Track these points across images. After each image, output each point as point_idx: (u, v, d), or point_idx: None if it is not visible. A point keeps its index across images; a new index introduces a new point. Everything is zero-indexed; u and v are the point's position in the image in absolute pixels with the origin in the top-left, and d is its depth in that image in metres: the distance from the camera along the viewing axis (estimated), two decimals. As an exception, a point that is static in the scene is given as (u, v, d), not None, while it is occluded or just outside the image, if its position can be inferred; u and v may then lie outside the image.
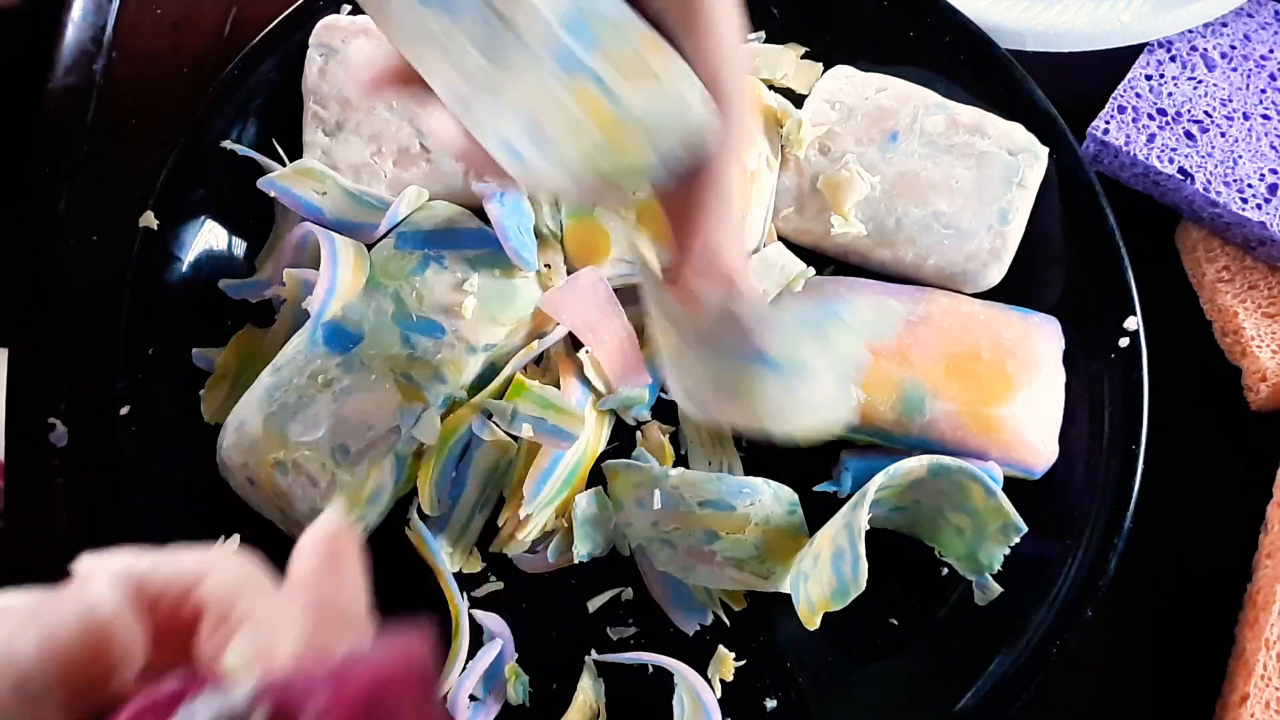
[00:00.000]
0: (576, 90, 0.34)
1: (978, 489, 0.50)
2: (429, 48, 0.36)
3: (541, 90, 0.35)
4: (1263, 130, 0.58)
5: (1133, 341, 0.54)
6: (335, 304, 0.53)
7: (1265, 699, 0.50)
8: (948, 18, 0.58)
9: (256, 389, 0.53)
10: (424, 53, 0.36)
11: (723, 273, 0.40)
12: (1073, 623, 0.51)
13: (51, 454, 0.57)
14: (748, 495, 0.51)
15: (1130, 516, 0.52)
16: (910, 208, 0.55)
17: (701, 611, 0.54)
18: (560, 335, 0.55)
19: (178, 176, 0.56)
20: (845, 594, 0.47)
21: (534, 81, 0.35)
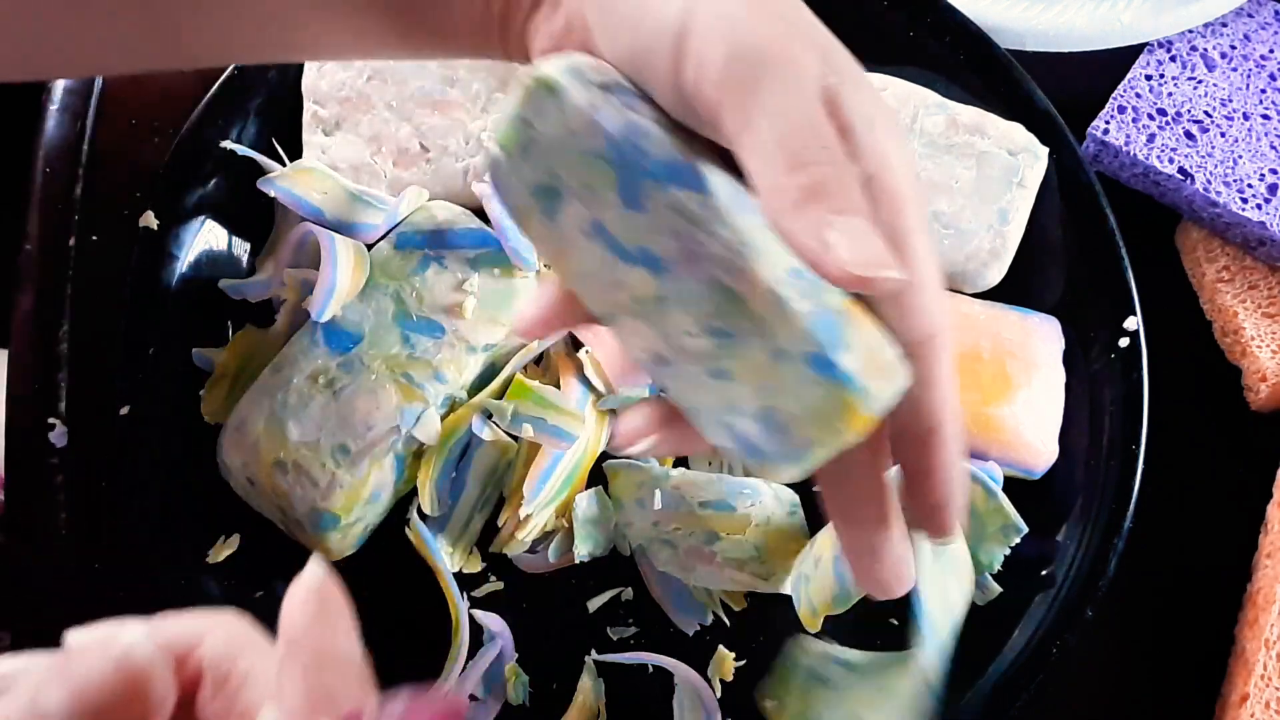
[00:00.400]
0: (822, 384, 0.31)
1: (978, 489, 0.50)
2: (627, 315, 0.34)
3: (780, 378, 0.32)
4: (1263, 130, 0.58)
5: (1133, 341, 0.54)
6: (335, 304, 0.53)
7: (1265, 699, 0.50)
8: (948, 18, 0.58)
9: (256, 389, 0.53)
10: (620, 318, 0.35)
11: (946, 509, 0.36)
12: (1073, 623, 0.51)
13: (51, 454, 0.57)
14: (748, 496, 0.51)
15: (1130, 516, 0.52)
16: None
17: (701, 611, 0.54)
18: (560, 335, 0.55)
19: (177, 177, 0.56)
20: (847, 598, 0.47)
21: (768, 368, 0.32)
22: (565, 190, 0.34)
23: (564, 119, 0.34)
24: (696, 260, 0.33)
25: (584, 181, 0.34)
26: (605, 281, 0.35)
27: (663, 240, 0.33)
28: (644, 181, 0.33)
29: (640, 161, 0.33)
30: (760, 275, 0.32)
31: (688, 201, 0.33)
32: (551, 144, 0.34)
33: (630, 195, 0.33)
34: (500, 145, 0.35)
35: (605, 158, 0.33)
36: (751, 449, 0.33)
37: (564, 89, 0.34)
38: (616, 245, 0.34)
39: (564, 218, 0.35)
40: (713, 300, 0.33)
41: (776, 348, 0.32)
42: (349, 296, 0.53)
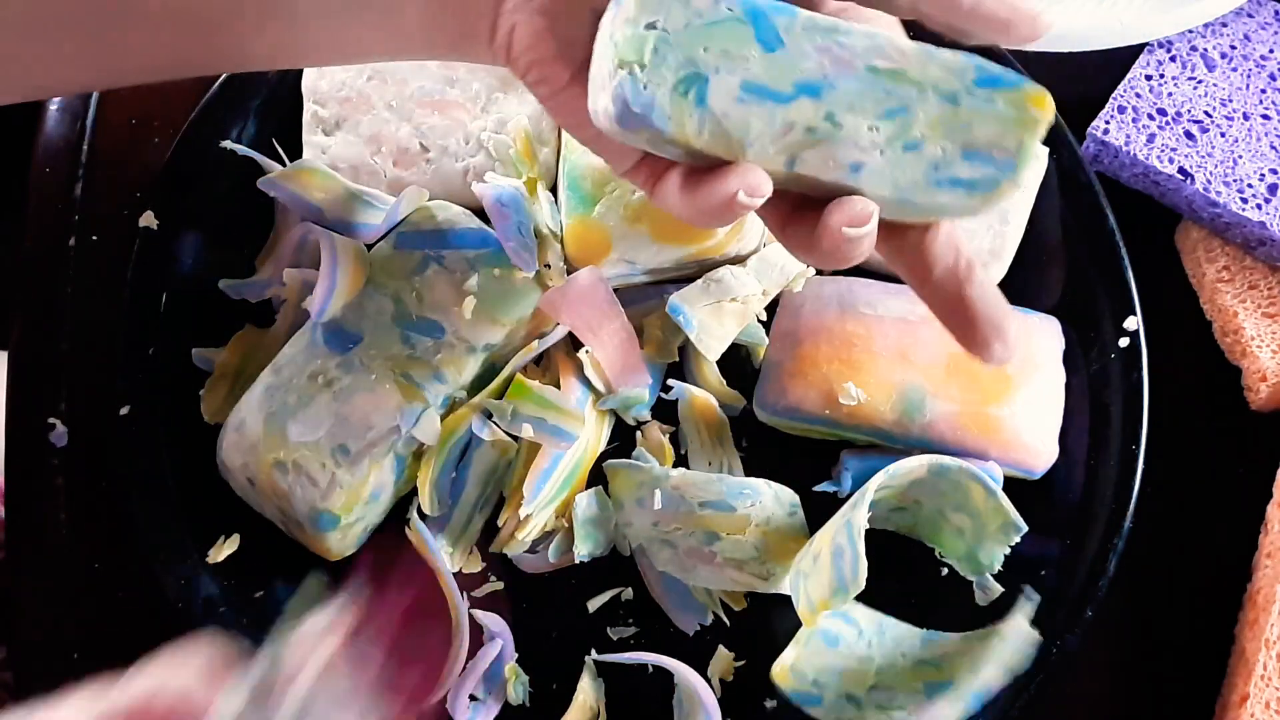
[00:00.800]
0: (999, 94, 0.38)
1: (978, 489, 0.50)
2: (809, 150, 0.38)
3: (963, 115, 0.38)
4: (1263, 130, 0.58)
5: (1133, 341, 0.54)
6: (335, 304, 0.53)
7: (1265, 699, 0.50)
8: (948, 18, 0.58)
9: (256, 389, 0.53)
10: (802, 156, 0.38)
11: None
12: (1073, 623, 0.51)
13: (51, 454, 0.57)
14: (748, 496, 0.51)
15: (1130, 516, 0.52)
16: (910, 208, 0.55)
17: (701, 611, 0.54)
18: (560, 335, 0.55)
19: (177, 176, 0.56)
20: (844, 593, 0.47)
21: (950, 114, 0.38)
22: (707, 68, 0.37)
23: (687, 5, 0.37)
24: (846, 62, 0.37)
25: (722, 49, 0.37)
26: (775, 131, 0.37)
27: (810, 62, 0.37)
28: (776, 18, 0.37)
29: (765, 5, 0.37)
30: (904, 44, 0.37)
31: (818, 18, 0.37)
32: (682, 32, 0.37)
33: (768, 37, 0.37)
34: (628, 63, 0.37)
35: (736, 17, 0.37)
36: (971, 186, 0.38)
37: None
38: (772, 93, 0.37)
39: (715, 97, 0.37)
40: (876, 86, 0.37)
41: (947, 92, 0.37)
42: (349, 296, 0.53)
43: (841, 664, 0.51)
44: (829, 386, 0.52)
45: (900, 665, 0.51)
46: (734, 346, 0.55)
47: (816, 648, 0.51)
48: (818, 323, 0.54)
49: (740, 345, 0.56)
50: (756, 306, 0.55)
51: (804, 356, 0.53)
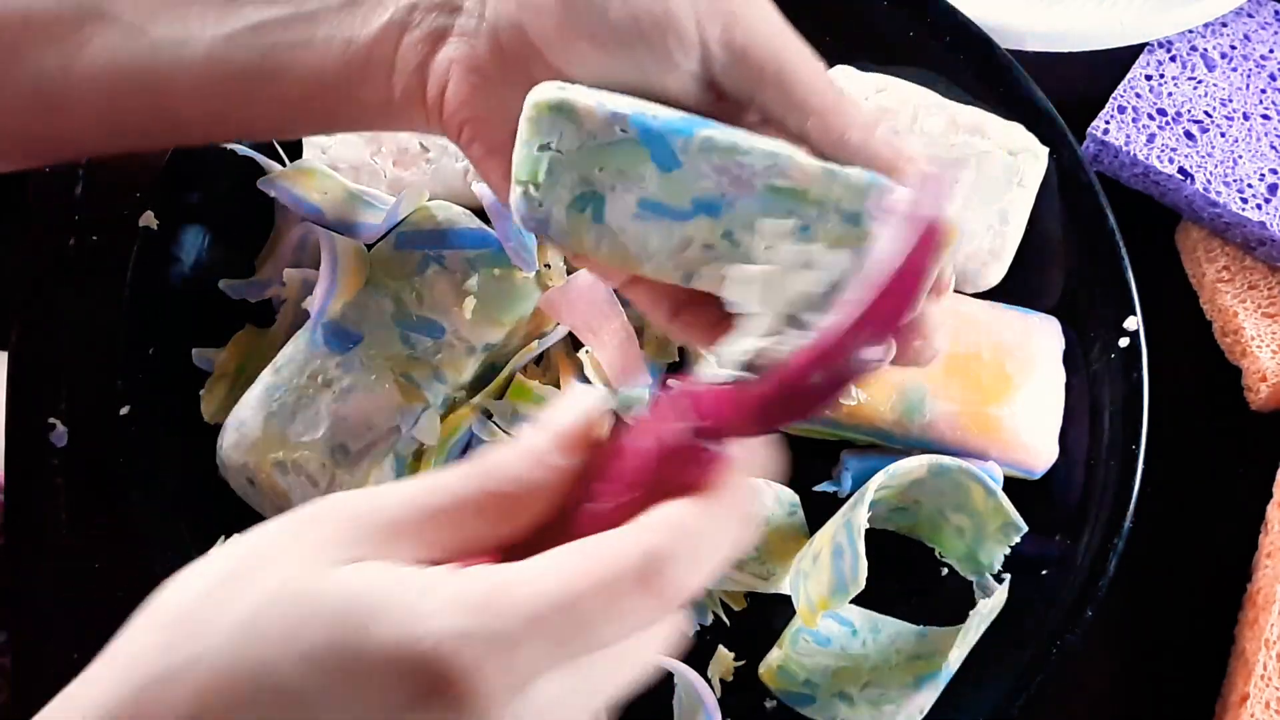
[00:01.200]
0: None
1: (978, 489, 0.50)
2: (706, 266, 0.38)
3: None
4: (1263, 130, 0.58)
5: (1133, 341, 0.54)
6: (335, 304, 0.53)
7: (1265, 699, 0.50)
8: (948, 18, 0.58)
9: (256, 389, 0.53)
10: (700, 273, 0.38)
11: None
12: (1073, 623, 0.51)
13: (51, 454, 0.57)
14: (748, 495, 0.51)
15: (1130, 516, 0.52)
16: (910, 208, 0.55)
17: (701, 611, 0.54)
18: (560, 335, 0.55)
19: (177, 176, 0.56)
20: (844, 592, 0.47)
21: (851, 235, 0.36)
22: (603, 187, 0.37)
23: (580, 127, 0.36)
24: (745, 181, 0.36)
25: (618, 169, 0.37)
26: (673, 248, 0.37)
27: (709, 181, 0.36)
28: (672, 140, 0.36)
29: (660, 126, 0.36)
30: (805, 163, 0.36)
31: (716, 137, 0.36)
32: (575, 155, 0.37)
33: (664, 158, 0.36)
34: (525, 183, 0.37)
35: (631, 139, 0.36)
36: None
37: (571, 100, 0.36)
38: (669, 210, 0.37)
39: (612, 214, 0.37)
40: (773, 205, 0.36)
41: (849, 213, 0.36)
42: (349, 296, 0.53)
43: (834, 663, 0.51)
44: (829, 386, 0.52)
45: (894, 662, 0.51)
46: (734, 346, 0.55)
47: (807, 648, 0.51)
48: (818, 323, 0.54)
49: (740, 345, 0.56)
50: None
51: (804, 356, 0.53)
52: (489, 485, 0.30)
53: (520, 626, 0.27)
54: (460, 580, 0.28)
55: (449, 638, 0.27)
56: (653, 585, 0.29)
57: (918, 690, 0.50)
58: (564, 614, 0.28)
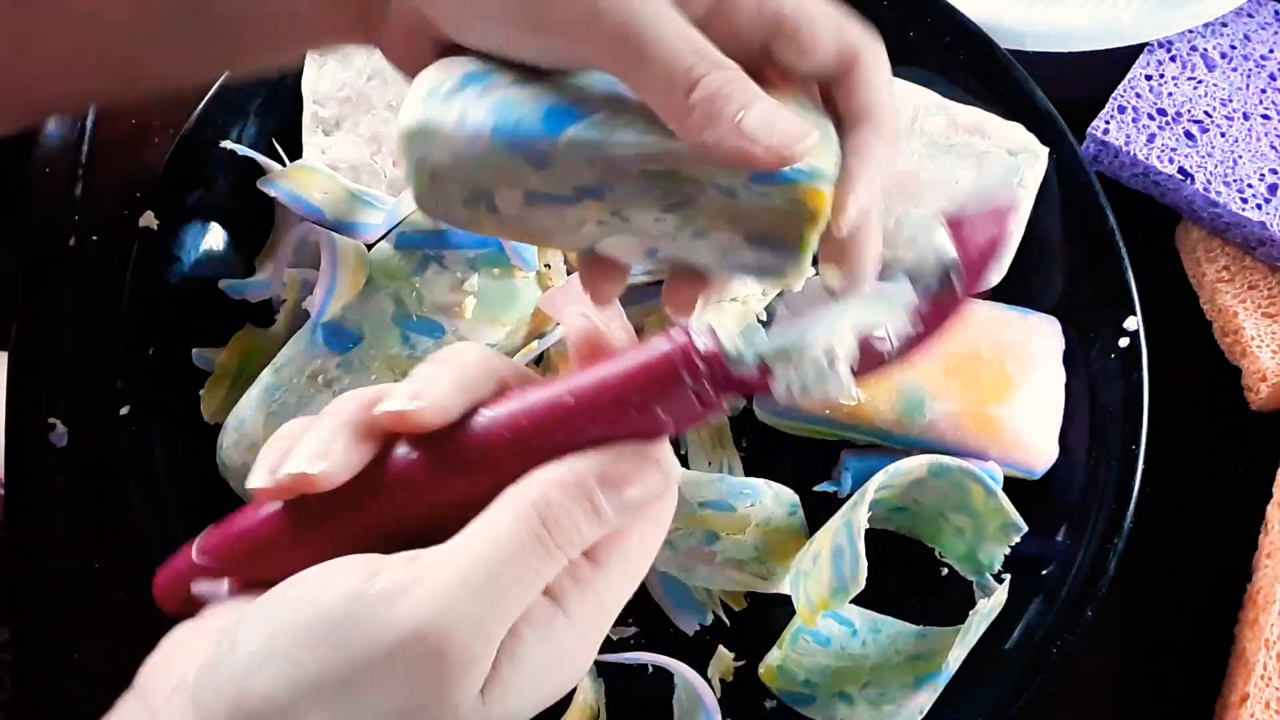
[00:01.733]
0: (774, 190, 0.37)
1: (978, 489, 0.50)
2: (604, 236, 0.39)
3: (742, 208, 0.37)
4: (1263, 130, 0.58)
5: (1133, 341, 0.54)
6: (335, 304, 0.53)
7: (1265, 699, 0.50)
8: (948, 18, 0.58)
9: (256, 389, 0.53)
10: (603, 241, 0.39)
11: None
12: (1073, 623, 0.51)
13: (51, 454, 0.57)
14: (748, 496, 0.51)
15: (1130, 516, 0.52)
16: (910, 208, 0.55)
17: (701, 611, 0.54)
18: (560, 335, 0.55)
19: (177, 176, 0.56)
20: (844, 592, 0.47)
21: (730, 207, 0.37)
22: (488, 187, 0.38)
23: (446, 147, 0.37)
24: (619, 170, 0.37)
25: (495, 173, 0.37)
26: (569, 226, 0.38)
27: (584, 172, 0.37)
28: (538, 144, 0.36)
29: (523, 133, 0.36)
30: (673, 147, 0.36)
31: (581, 136, 0.36)
32: (450, 167, 0.38)
33: (536, 159, 0.37)
34: (417, 193, 0.39)
35: (496, 150, 0.37)
36: (761, 270, 0.38)
37: (429, 125, 0.37)
38: (555, 198, 0.37)
39: (503, 205, 0.38)
40: (654, 187, 0.37)
41: (725, 187, 0.36)
42: (349, 296, 0.53)
43: (834, 663, 0.51)
44: (829, 386, 0.52)
45: (894, 662, 0.51)
46: (734, 346, 0.55)
47: (807, 648, 0.51)
48: (818, 323, 0.54)
49: (740, 345, 0.56)
50: (756, 306, 0.55)
51: (804, 356, 0.53)
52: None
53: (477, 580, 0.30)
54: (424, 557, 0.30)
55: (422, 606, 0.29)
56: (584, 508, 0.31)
57: (917, 690, 0.50)
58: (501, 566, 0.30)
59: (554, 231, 0.39)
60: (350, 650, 0.29)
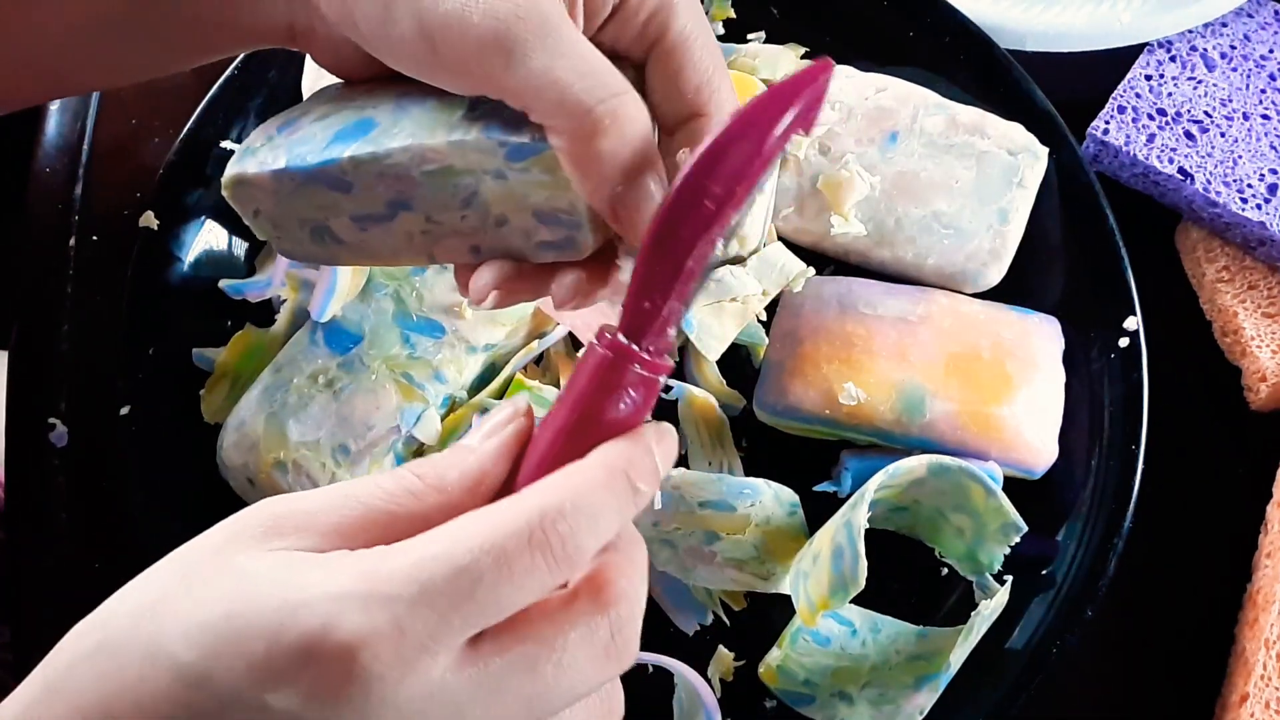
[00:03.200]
0: (530, 163, 0.37)
1: (978, 489, 0.50)
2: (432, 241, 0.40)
3: (516, 188, 0.38)
4: (1263, 130, 0.58)
5: (1133, 341, 0.54)
6: (335, 304, 0.53)
7: (1265, 699, 0.50)
8: (948, 18, 0.58)
9: (256, 389, 0.53)
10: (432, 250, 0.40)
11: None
12: (1073, 623, 0.51)
13: (51, 454, 0.57)
14: (748, 496, 0.51)
15: (1130, 516, 0.52)
16: (910, 208, 0.55)
17: (701, 611, 0.54)
18: (560, 335, 0.55)
19: (177, 176, 0.56)
20: (844, 592, 0.47)
21: (506, 190, 0.38)
22: (321, 219, 0.40)
23: (264, 193, 0.40)
24: (404, 177, 0.38)
25: (317, 206, 0.40)
26: (401, 240, 0.40)
27: (383, 189, 0.39)
28: (330, 170, 0.38)
29: (312, 165, 0.39)
30: (434, 144, 0.37)
31: (358, 154, 0.38)
32: (279, 210, 0.40)
33: (337, 184, 0.39)
34: (271, 241, 0.42)
35: (303, 183, 0.39)
36: (562, 245, 0.39)
37: (244, 178, 0.40)
38: (375, 217, 0.40)
39: (341, 235, 0.41)
40: (440, 185, 0.38)
41: (495, 172, 0.37)
42: (349, 296, 0.53)
43: (834, 663, 0.51)
44: (829, 386, 0.52)
45: (894, 662, 0.51)
46: (734, 346, 0.55)
47: (807, 648, 0.51)
48: (818, 323, 0.54)
49: (740, 345, 0.56)
50: (756, 306, 0.55)
51: (804, 356, 0.53)
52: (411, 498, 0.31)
53: (406, 590, 0.27)
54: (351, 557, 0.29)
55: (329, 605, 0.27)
56: (544, 543, 0.29)
57: (917, 690, 0.50)
58: (452, 578, 0.28)
59: (396, 250, 0.40)
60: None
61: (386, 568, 0.28)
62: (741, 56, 0.60)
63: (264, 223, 0.41)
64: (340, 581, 0.28)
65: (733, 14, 0.61)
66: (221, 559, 0.30)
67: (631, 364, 0.33)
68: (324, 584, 0.28)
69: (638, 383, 0.33)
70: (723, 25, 0.61)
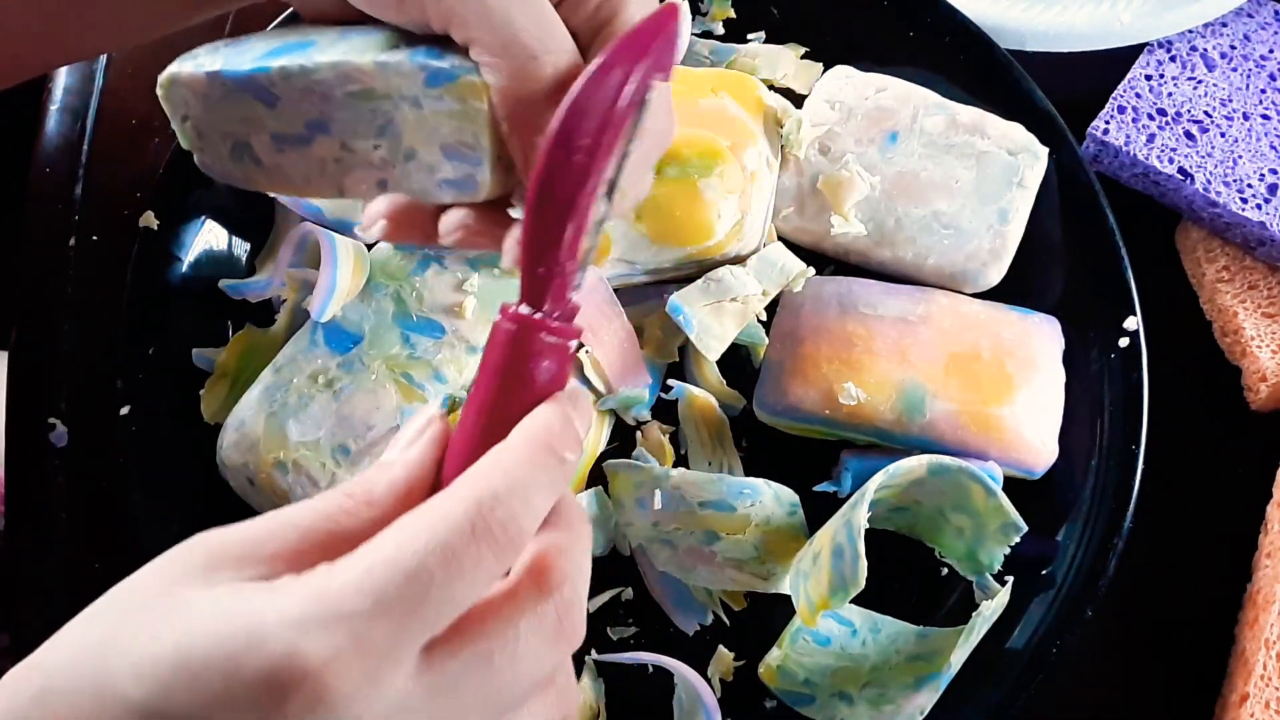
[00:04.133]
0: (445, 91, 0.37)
1: (978, 489, 0.50)
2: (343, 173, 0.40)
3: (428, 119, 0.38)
4: (1263, 130, 0.58)
5: (1133, 341, 0.54)
6: (335, 304, 0.53)
7: (1265, 699, 0.50)
8: (948, 18, 0.58)
9: (256, 389, 0.53)
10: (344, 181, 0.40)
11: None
12: (1073, 623, 0.51)
13: (51, 454, 0.57)
14: (748, 496, 0.51)
15: (1130, 516, 0.52)
16: (910, 208, 0.55)
17: (701, 611, 0.54)
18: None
19: (178, 176, 0.56)
20: (844, 592, 0.47)
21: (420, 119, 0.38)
22: (243, 135, 0.40)
23: (194, 94, 0.40)
24: (329, 97, 0.38)
25: (241, 118, 0.39)
26: (315, 168, 0.40)
27: (304, 105, 0.38)
28: (260, 79, 0.38)
29: (244, 71, 0.38)
30: (360, 63, 0.37)
31: (287, 65, 0.38)
32: (206, 117, 0.40)
33: (264, 96, 0.39)
34: (190, 149, 0.41)
35: (232, 90, 0.39)
36: (462, 185, 0.38)
37: (177, 76, 0.40)
38: (294, 139, 0.39)
39: (260, 155, 0.40)
40: (359, 109, 0.38)
41: (412, 98, 0.37)
42: (349, 296, 0.53)
43: (834, 663, 0.51)
44: (829, 386, 0.52)
45: (894, 662, 0.51)
46: (734, 346, 0.55)
47: (807, 648, 0.51)
48: (818, 323, 0.54)
49: (740, 345, 0.56)
50: (756, 306, 0.55)
51: (804, 356, 0.53)
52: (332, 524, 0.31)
53: (361, 604, 0.27)
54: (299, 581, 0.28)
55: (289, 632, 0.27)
56: (486, 532, 0.29)
57: (918, 691, 0.50)
58: (403, 582, 0.28)
59: (309, 178, 0.40)
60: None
61: (336, 585, 0.28)
62: (741, 56, 0.60)
63: (190, 130, 0.41)
64: (295, 606, 0.27)
65: (733, 14, 0.61)
66: (165, 595, 0.29)
67: (538, 333, 0.33)
68: (279, 611, 0.27)
69: (548, 350, 0.33)
70: (723, 25, 0.61)
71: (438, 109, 0.37)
